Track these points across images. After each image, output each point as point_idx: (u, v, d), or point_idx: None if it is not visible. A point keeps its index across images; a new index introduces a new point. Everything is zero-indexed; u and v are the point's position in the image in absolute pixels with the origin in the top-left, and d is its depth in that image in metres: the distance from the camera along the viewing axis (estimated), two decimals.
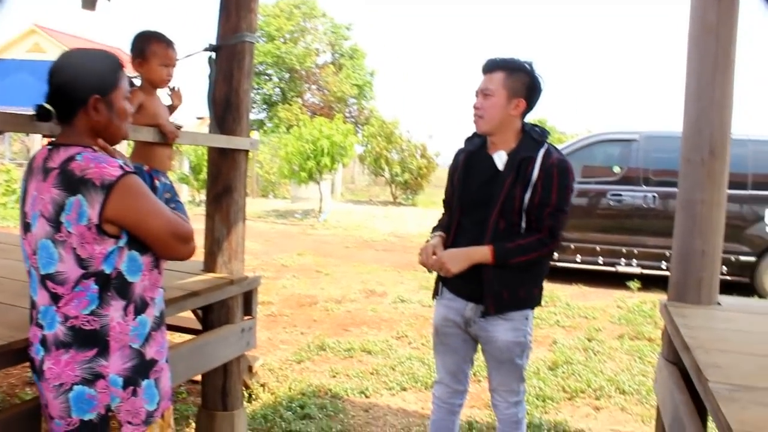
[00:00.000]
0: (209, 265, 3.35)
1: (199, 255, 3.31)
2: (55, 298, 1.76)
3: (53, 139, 1.88)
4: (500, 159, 2.55)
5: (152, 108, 2.81)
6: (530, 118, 2.68)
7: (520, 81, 2.53)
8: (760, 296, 7.68)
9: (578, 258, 8.24)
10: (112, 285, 1.78)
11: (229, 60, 3.22)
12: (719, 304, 2.69)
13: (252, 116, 35.72)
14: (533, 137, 2.57)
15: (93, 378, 1.76)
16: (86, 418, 1.76)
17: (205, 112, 3.34)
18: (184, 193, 17.39)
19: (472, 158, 2.68)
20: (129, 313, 1.82)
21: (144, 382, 1.85)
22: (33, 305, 1.85)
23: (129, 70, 2.89)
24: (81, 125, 1.82)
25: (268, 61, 33.68)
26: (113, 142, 1.91)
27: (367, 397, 4.25)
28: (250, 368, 4.27)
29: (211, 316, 3.23)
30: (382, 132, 20.04)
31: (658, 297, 7.10)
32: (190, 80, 4.05)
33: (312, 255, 9.92)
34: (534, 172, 2.47)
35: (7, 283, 2.94)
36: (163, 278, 2.70)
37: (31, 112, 1.91)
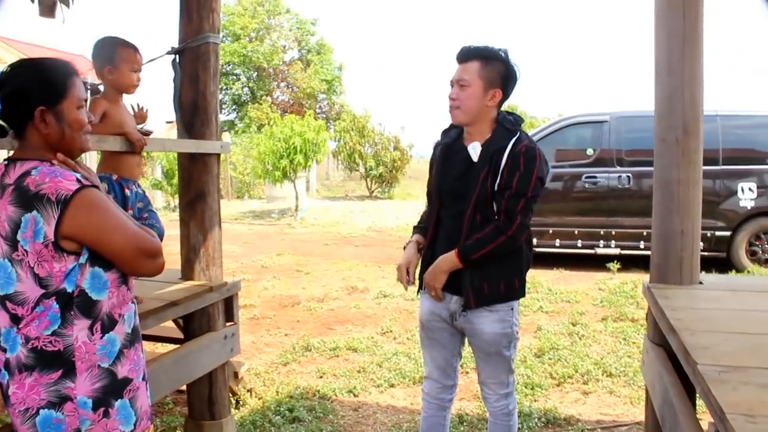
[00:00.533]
0: (187, 272, 3.29)
1: (176, 263, 3.26)
2: (15, 319, 1.68)
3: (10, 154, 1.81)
4: (474, 150, 2.53)
5: (117, 116, 2.74)
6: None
7: (496, 70, 2.49)
8: (737, 270, 7.78)
9: (557, 242, 8.27)
10: (75, 303, 1.70)
11: (193, 62, 3.16)
12: (701, 283, 2.69)
13: (222, 117, 35.27)
14: (506, 126, 2.55)
15: (59, 401, 1.68)
16: None
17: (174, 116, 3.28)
18: (158, 199, 17.20)
19: (449, 150, 2.64)
20: (96, 331, 1.73)
21: (117, 403, 1.76)
22: None
23: (92, 78, 2.83)
24: (34, 139, 1.73)
25: (234, 61, 33.35)
26: (72, 155, 1.80)
27: (355, 396, 4.21)
28: (235, 374, 4.22)
29: (193, 325, 3.18)
30: (354, 126, 19.97)
31: (638, 277, 7.17)
32: (157, 84, 3.96)
33: (291, 254, 9.86)
34: (503, 161, 2.46)
35: None
36: (139, 289, 2.67)
37: None
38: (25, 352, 1.67)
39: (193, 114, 3.20)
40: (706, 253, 7.57)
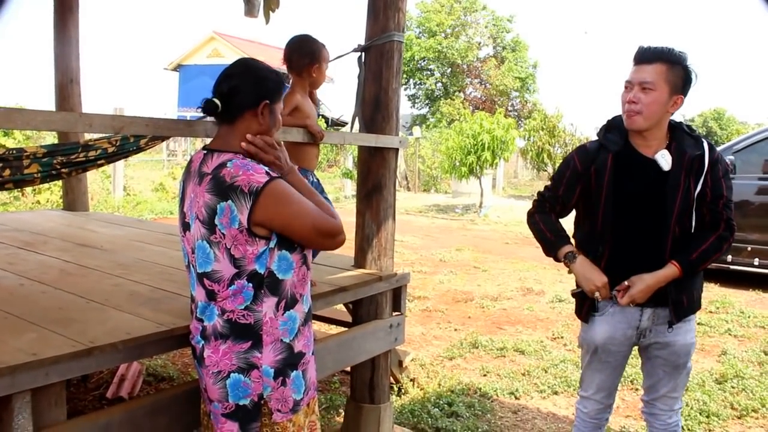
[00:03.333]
0: (359, 261, 3.44)
1: (350, 251, 3.42)
2: (211, 294, 1.90)
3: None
4: (665, 159, 2.38)
5: (306, 110, 2.93)
6: (706, 108, 2.52)
7: (680, 75, 2.34)
8: None
9: (756, 261, 7.52)
10: (265, 283, 1.89)
11: (377, 60, 3.28)
12: None
13: (414, 111, 36.04)
14: (687, 132, 2.43)
15: (247, 368, 1.89)
16: (241, 403, 1.90)
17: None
18: (348, 187, 17.97)
19: (621, 159, 2.44)
20: (280, 308, 1.92)
21: (293, 374, 1.96)
22: (192, 299, 2.02)
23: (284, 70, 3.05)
24: (242, 127, 1.94)
25: (429, 56, 33.93)
26: None
27: (516, 398, 4.17)
28: (400, 363, 4.34)
29: (360, 311, 3.32)
30: (545, 126, 19.50)
31: None
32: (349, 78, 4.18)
33: (470, 250, 9.90)
34: (704, 168, 2.36)
35: (177, 274, 3.19)
36: (314, 273, 2.87)
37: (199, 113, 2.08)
38: (221, 323, 1.89)
39: (374, 109, 3.33)
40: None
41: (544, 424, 3.81)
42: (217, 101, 1.92)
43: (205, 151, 1.96)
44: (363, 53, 3.31)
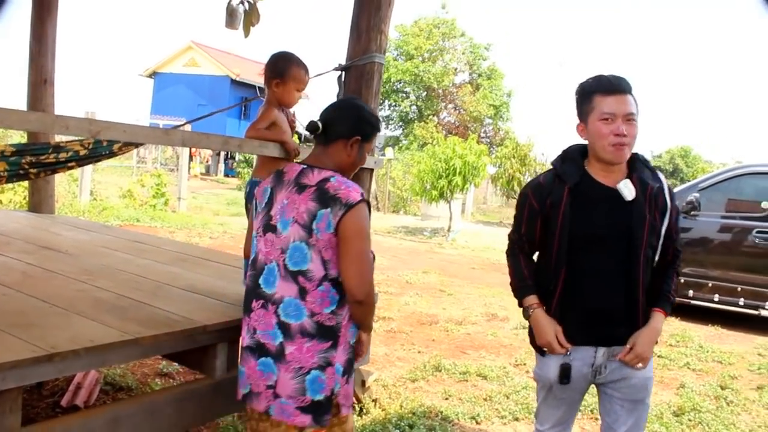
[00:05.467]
0: None
1: None
2: (302, 292, 2.09)
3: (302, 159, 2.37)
4: (627, 189, 2.32)
5: (282, 125, 2.93)
6: (674, 145, 2.55)
7: (637, 103, 2.33)
8: None
9: (716, 297, 7.65)
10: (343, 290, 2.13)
11: (357, 80, 3.31)
12: None
13: (388, 132, 36.14)
14: (643, 162, 2.43)
15: (325, 365, 2.09)
16: (317, 398, 2.09)
17: None
18: None
19: (580, 190, 2.36)
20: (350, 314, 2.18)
21: (353, 373, 2.25)
22: (261, 296, 2.15)
23: (261, 82, 3.06)
24: (332, 151, 2.23)
25: (406, 79, 34.23)
26: (347, 176, 2.25)
27: (477, 423, 4.17)
28: (363, 383, 4.32)
29: None
30: (516, 154, 19.78)
31: None
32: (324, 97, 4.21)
33: (437, 274, 9.93)
34: (667, 201, 2.37)
35: (143, 282, 3.16)
36: None
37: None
38: (310, 323, 2.08)
39: None
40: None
41: None
42: (319, 123, 2.22)
43: (304, 166, 2.21)
44: (343, 72, 3.34)
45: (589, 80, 2.39)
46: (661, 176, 2.41)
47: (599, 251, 2.34)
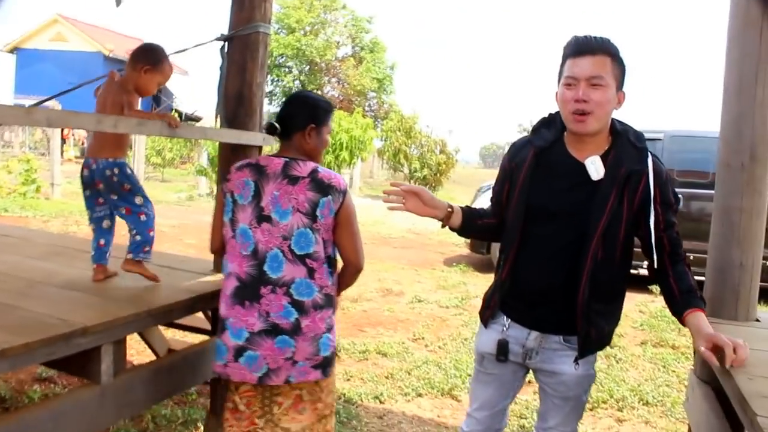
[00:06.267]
0: (218, 265, 3.22)
1: (208, 254, 3.20)
2: (311, 272, 2.31)
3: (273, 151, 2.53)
4: (594, 166, 2.08)
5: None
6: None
7: (621, 69, 2.08)
8: None
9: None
10: (334, 263, 2.43)
11: (242, 51, 3.08)
12: (758, 320, 2.52)
13: (272, 108, 35.47)
14: (631, 141, 2.13)
15: (330, 327, 2.38)
16: (326, 354, 2.36)
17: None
18: (203, 184, 17.33)
19: (545, 156, 2.19)
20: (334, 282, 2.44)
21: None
22: (266, 281, 2.30)
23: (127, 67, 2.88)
24: (296, 144, 2.43)
25: (288, 54, 33.61)
26: (316, 161, 2.47)
27: (381, 402, 4.11)
28: None
29: None
30: (402, 127, 19.89)
31: None
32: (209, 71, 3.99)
33: None
34: (650, 192, 2.06)
35: (10, 281, 2.83)
36: (170, 279, 2.74)
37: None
38: (320, 296, 2.33)
39: (237, 104, 3.13)
40: (763, 283, 7.25)
41: (410, 428, 3.77)
42: (275, 123, 2.44)
43: (286, 159, 2.38)
44: (226, 43, 3.11)
45: (567, 41, 2.14)
46: (650, 159, 2.09)
47: (550, 229, 2.15)
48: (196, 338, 3.70)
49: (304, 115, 2.42)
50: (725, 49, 2.57)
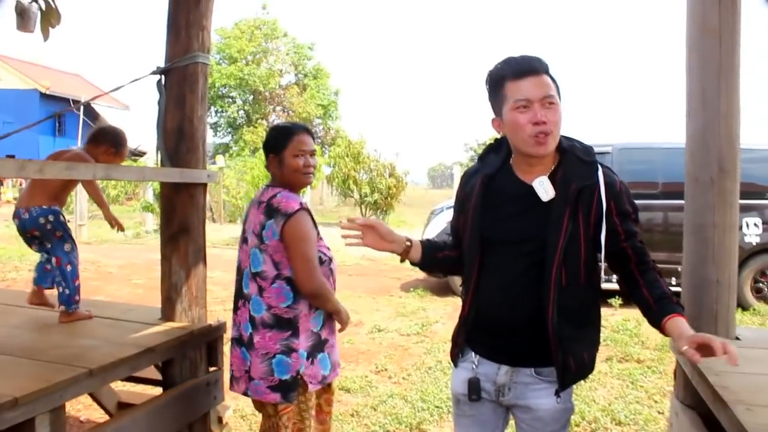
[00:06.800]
0: (167, 313, 3.02)
1: (156, 301, 2.98)
2: (260, 289, 2.51)
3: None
4: (543, 187, 1.98)
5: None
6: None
7: (557, 84, 2.00)
8: (743, 308, 7.52)
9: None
10: (294, 286, 2.51)
11: (180, 84, 2.91)
12: (738, 338, 2.42)
13: (217, 140, 35.04)
14: (579, 157, 2.03)
15: (288, 351, 2.47)
16: (284, 378, 2.46)
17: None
18: (149, 221, 16.86)
19: (493, 183, 2.09)
20: (311, 306, 2.57)
21: (320, 355, 2.60)
22: (241, 296, 2.60)
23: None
24: (271, 173, 2.68)
25: (231, 84, 33.30)
26: (294, 190, 2.65)
27: None
28: (219, 420, 3.90)
29: (172, 372, 2.90)
30: (350, 152, 19.75)
31: (639, 313, 6.87)
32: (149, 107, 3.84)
33: None
34: (602, 206, 1.96)
35: None
36: (114, 331, 2.51)
37: None
38: (267, 315, 2.50)
39: (178, 140, 2.95)
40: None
41: None
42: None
43: (266, 186, 2.67)
44: (163, 76, 2.92)
45: (498, 65, 2.02)
46: (600, 171, 2.00)
47: (507, 257, 2.03)
48: (147, 389, 3.46)
49: (265, 148, 2.68)
50: (685, 59, 2.50)
